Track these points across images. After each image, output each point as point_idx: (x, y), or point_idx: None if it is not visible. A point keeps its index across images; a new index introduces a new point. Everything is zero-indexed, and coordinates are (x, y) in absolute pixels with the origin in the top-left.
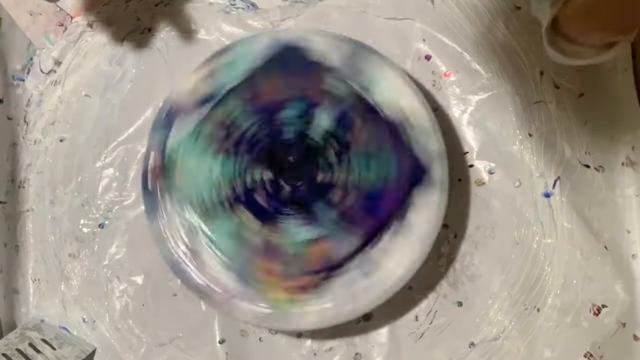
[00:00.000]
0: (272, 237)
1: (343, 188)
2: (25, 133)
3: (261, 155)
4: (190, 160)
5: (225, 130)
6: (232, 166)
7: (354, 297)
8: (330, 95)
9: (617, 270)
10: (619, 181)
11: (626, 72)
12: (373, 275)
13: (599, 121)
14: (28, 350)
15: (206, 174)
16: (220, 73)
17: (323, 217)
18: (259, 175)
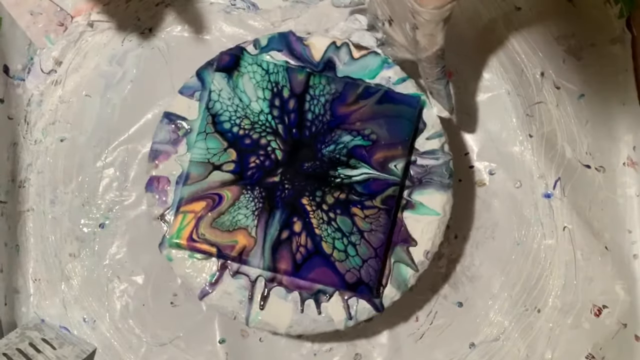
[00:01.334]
0: (224, 194)
1: (306, 228)
2: (26, 133)
3: (292, 138)
4: (249, 81)
5: (293, 94)
6: (267, 118)
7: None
8: (387, 167)
9: (618, 270)
10: (619, 181)
11: (626, 72)
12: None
13: (599, 121)
14: (28, 350)
15: (245, 101)
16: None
17: (270, 226)
18: (273, 148)
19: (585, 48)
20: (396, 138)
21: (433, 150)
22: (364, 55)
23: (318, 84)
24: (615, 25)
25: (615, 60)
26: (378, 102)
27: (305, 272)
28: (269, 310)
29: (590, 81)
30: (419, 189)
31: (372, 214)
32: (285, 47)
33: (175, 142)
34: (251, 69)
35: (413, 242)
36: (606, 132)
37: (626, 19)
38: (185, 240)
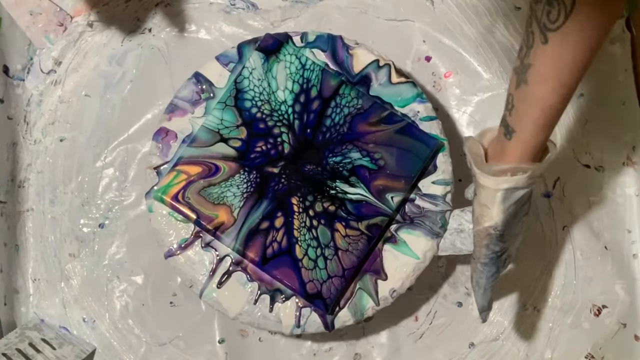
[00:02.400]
0: (222, 166)
1: (286, 226)
2: (26, 133)
3: (304, 137)
4: (283, 70)
5: (320, 96)
6: (287, 111)
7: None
8: (383, 197)
9: (618, 270)
10: (619, 181)
11: (626, 72)
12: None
13: (599, 121)
14: (28, 350)
15: (273, 87)
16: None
17: (253, 213)
18: (283, 140)
19: None
20: (403, 171)
21: (435, 195)
22: (401, 82)
23: (347, 94)
24: (615, 25)
25: (615, 60)
26: (398, 132)
27: (270, 268)
28: (225, 291)
29: (590, 81)
30: (408, 228)
31: (353, 235)
32: (330, 49)
33: (196, 103)
34: (290, 59)
35: (383, 276)
36: (606, 132)
37: (626, 19)
38: (170, 197)
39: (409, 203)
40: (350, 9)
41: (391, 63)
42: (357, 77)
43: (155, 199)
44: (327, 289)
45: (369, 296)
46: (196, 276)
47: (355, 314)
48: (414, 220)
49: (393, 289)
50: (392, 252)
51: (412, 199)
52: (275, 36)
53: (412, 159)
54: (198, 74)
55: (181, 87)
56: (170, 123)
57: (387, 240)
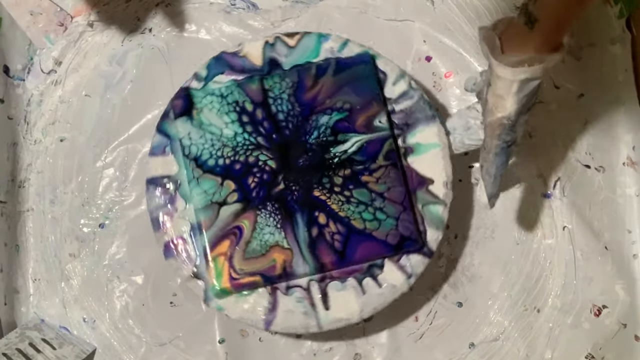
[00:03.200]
0: (242, 224)
1: (330, 216)
2: (26, 133)
3: (276, 143)
4: (210, 113)
5: (254, 104)
6: (244, 137)
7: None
8: (372, 127)
9: (618, 270)
10: (619, 181)
11: (626, 72)
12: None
13: (599, 121)
14: (28, 350)
15: (217, 132)
16: (287, 49)
17: (297, 231)
18: (263, 161)
19: (585, 48)
20: (367, 96)
21: (403, 92)
22: (299, 39)
23: (273, 84)
24: (615, 25)
25: (615, 60)
26: (334, 74)
27: (350, 256)
28: (335, 306)
29: (590, 81)
30: (410, 132)
31: (381, 174)
32: (225, 67)
33: (171, 200)
34: (206, 101)
35: (430, 181)
36: (606, 132)
37: (626, 19)
38: (228, 283)
39: (393, 114)
40: (350, 9)
41: (278, 34)
42: (266, 67)
43: (218, 297)
44: (404, 228)
45: (435, 204)
46: (302, 319)
47: (438, 227)
48: (407, 123)
49: (444, 181)
50: (417, 158)
51: (392, 110)
52: (177, 97)
53: (364, 82)
54: (149, 179)
55: (146, 200)
56: (168, 234)
57: (406, 155)
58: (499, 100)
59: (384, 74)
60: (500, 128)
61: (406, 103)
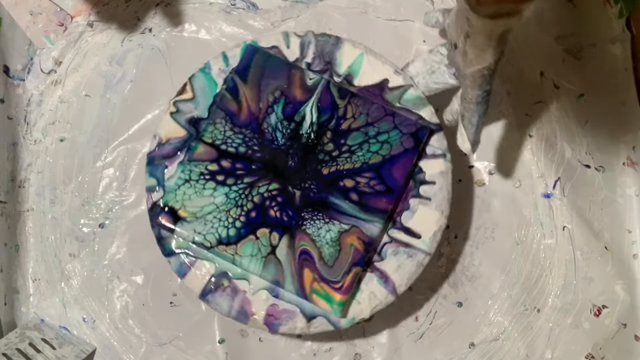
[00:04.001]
0: (303, 247)
1: (352, 173)
2: (26, 133)
3: (260, 170)
4: (192, 202)
5: (214, 162)
6: (235, 192)
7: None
8: (309, 89)
9: (618, 270)
10: (619, 181)
11: (626, 72)
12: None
13: (599, 121)
14: (28, 350)
15: (213, 210)
16: (187, 111)
17: (343, 207)
18: (266, 190)
19: (585, 48)
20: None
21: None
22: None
23: (212, 132)
24: (615, 25)
25: (615, 60)
26: (246, 81)
27: (395, 185)
28: (422, 222)
29: (590, 81)
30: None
31: (352, 110)
32: (163, 161)
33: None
34: (179, 197)
35: (386, 81)
36: (606, 132)
37: (626, 19)
38: (339, 295)
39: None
40: (350, 9)
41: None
42: (192, 130)
43: (344, 314)
44: (407, 127)
45: (407, 89)
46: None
47: (424, 105)
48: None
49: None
50: (357, 80)
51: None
52: (159, 214)
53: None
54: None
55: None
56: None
57: (351, 80)
58: (479, 52)
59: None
60: (481, 78)
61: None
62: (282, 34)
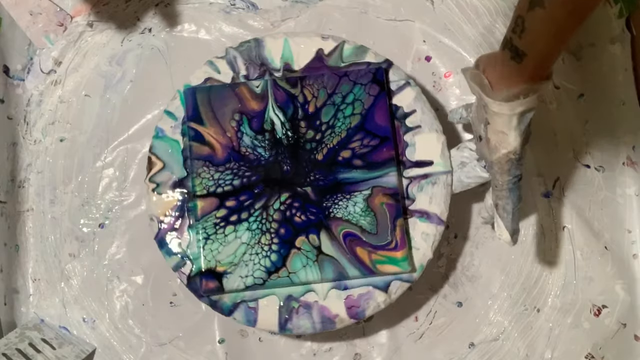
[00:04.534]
0: (343, 230)
1: (343, 144)
2: (26, 133)
3: (264, 189)
4: (225, 255)
5: (220, 207)
6: (255, 221)
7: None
8: (261, 96)
9: (618, 270)
10: (619, 181)
11: (626, 72)
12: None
13: (599, 121)
14: (28, 350)
15: (246, 249)
16: (166, 180)
17: (354, 177)
18: (280, 204)
19: (585, 48)
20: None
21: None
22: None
23: (195, 185)
24: (615, 25)
25: (614, 60)
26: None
27: (382, 131)
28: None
29: (590, 81)
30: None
31: (308, 84)
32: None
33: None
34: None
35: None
36: (606, 132)
37: (626, 19)
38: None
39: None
40: (350, 9)
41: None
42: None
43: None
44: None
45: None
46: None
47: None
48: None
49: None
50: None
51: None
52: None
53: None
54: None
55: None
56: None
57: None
58: (501, 136)
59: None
60: (508, 164)
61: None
62: (207, 63)
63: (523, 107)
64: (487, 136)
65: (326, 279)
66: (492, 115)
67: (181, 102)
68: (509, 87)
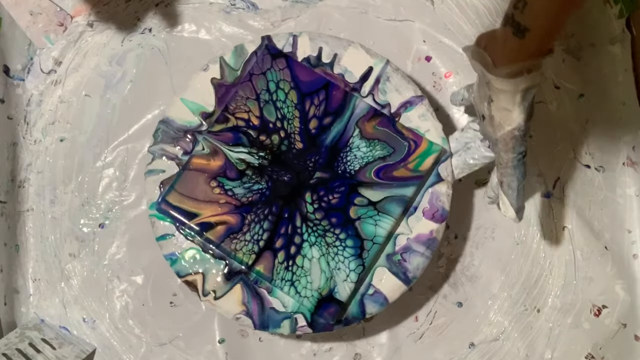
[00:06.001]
0: (369, 171)
1: (303, 119)
2: (26, 133)
3: (289, 211)
4: (319, 281)
5: (275, 255)
6: (310, 239)
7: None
8: (210, 153)
9: (618, 270)
10: (619, 181)
11: (626, 72)
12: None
13: (599, 121)
14: (28, 350)
15: (327, 262)
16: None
17: (337, 129)
18: (310, 205)
19: (585, 48)
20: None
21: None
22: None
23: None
24: (615, 25)
25: (614, 60)
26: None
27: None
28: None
29: (590, 81)
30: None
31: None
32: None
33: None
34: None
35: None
36: (606, 132)
37: (626, 19)
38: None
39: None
40: (350, 9)
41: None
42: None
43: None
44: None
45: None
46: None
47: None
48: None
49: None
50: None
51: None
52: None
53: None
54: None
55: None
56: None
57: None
58: (505, 113)
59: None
60: (513, 141)
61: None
62: (147, 173)
63: (527, 83)
64: (490, 114)
65: (397, 216)
66: (495, 92)
67: (163, 219)
68: (512, 64)
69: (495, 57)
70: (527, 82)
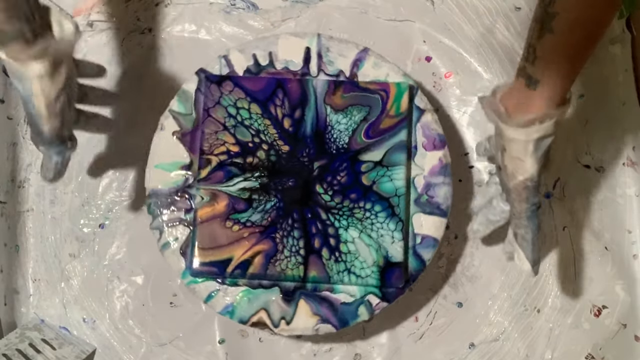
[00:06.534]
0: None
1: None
2: (26, 133)
3: (310, 211)
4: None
5: (319, 256)
6: (342, 222)
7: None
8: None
9: (618, 270)
10: (619, 181)
11: (626, 72)
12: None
13: (599, 121)
14: (28, 351)
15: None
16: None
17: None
18: (325, 194)
19: None
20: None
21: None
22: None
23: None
24: (615, 25)
25: (615, 60)
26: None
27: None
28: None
29: (590, 81)
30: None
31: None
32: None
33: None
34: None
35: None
36: (606, 132)
37: (626, 19)
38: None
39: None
40: (350, 9)
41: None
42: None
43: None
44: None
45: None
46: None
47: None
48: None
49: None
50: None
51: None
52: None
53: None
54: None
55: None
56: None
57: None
58: (518, 162)
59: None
60: (525, 191)
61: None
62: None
63: (539, 133)
64: (503, 163)
65: (405, 161)
66: (508, 141)
67: (201, 281)
68: (525, 114)
69: (509, 107)
70: (539, 132)
